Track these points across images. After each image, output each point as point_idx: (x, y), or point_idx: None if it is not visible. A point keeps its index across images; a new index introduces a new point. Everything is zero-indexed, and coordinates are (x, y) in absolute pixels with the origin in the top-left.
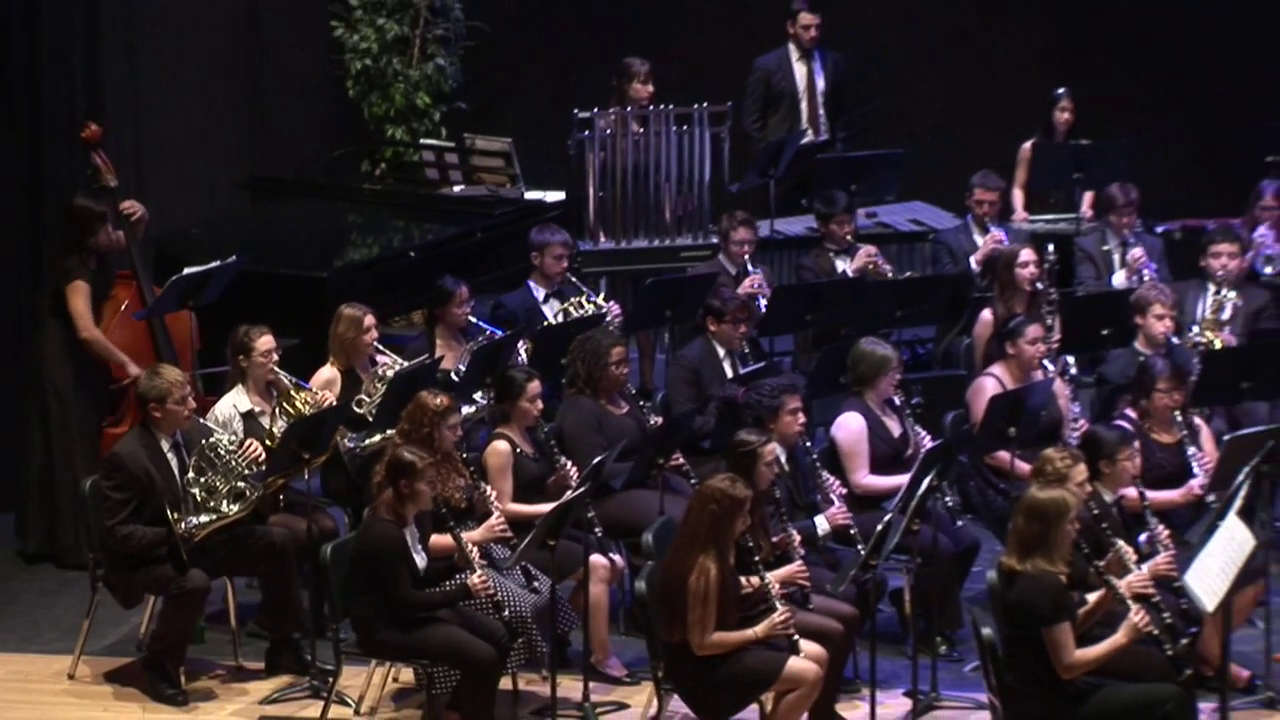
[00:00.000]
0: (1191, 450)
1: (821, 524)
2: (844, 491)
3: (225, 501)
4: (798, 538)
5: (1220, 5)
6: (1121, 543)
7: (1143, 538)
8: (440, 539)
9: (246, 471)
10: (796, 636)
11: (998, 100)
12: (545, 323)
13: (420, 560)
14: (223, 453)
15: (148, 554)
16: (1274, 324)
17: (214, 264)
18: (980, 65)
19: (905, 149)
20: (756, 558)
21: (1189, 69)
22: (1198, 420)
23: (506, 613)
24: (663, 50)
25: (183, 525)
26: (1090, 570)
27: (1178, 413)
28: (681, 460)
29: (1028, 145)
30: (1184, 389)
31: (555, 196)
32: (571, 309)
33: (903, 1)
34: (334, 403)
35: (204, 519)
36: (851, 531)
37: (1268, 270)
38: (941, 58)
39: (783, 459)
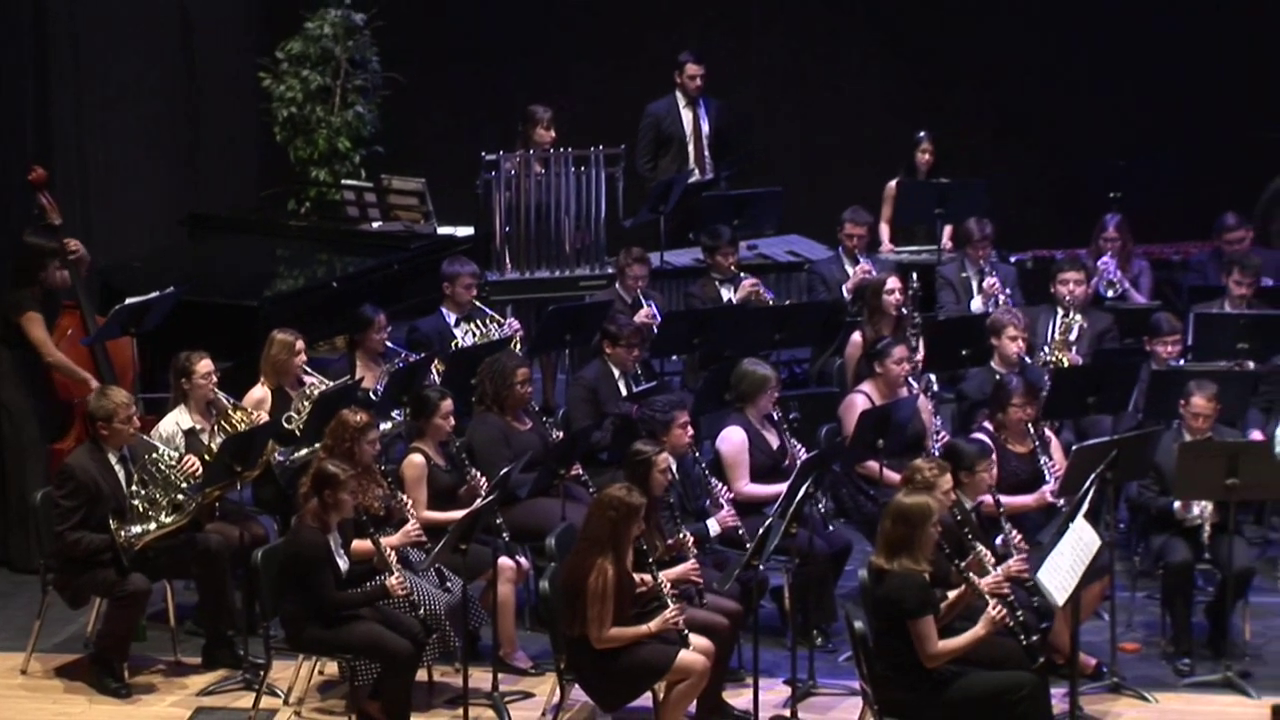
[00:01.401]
0: (1043, 459)
1: (713, 526)
2: (732, 497)
3: (165, 512)
4: (690, 540)
5: (1065, 51)
6: (981, 545)
7: (998, 540)
8: (361, 544)
9: (184, 484)
10: (686, 631)
11: (866, 143)
12: (456, 346)
13: (343, 563)
14: (163, 467)
15: (93, 559)
16: (1116, 345)
17: (154, 294)
18: (851, 112)
19: (783, 187)
20: (651, 559)
21: (1038, 112)
22: (1048, 432)
23: (422, 610)
24: (562, 98)
25: (123, 534)
26: (952, 569)
27: (1030, 425)
28: (580, 471)
29: (893, 183)
30: (1036, 403)
31: (465, 231)
32: (476, 331)
33: (781, 56)
34: (265, 420)
35: (143, 529)
36: (740, 533)
37: (1110, 295)
38: (816, 105)
39: (674, 468)
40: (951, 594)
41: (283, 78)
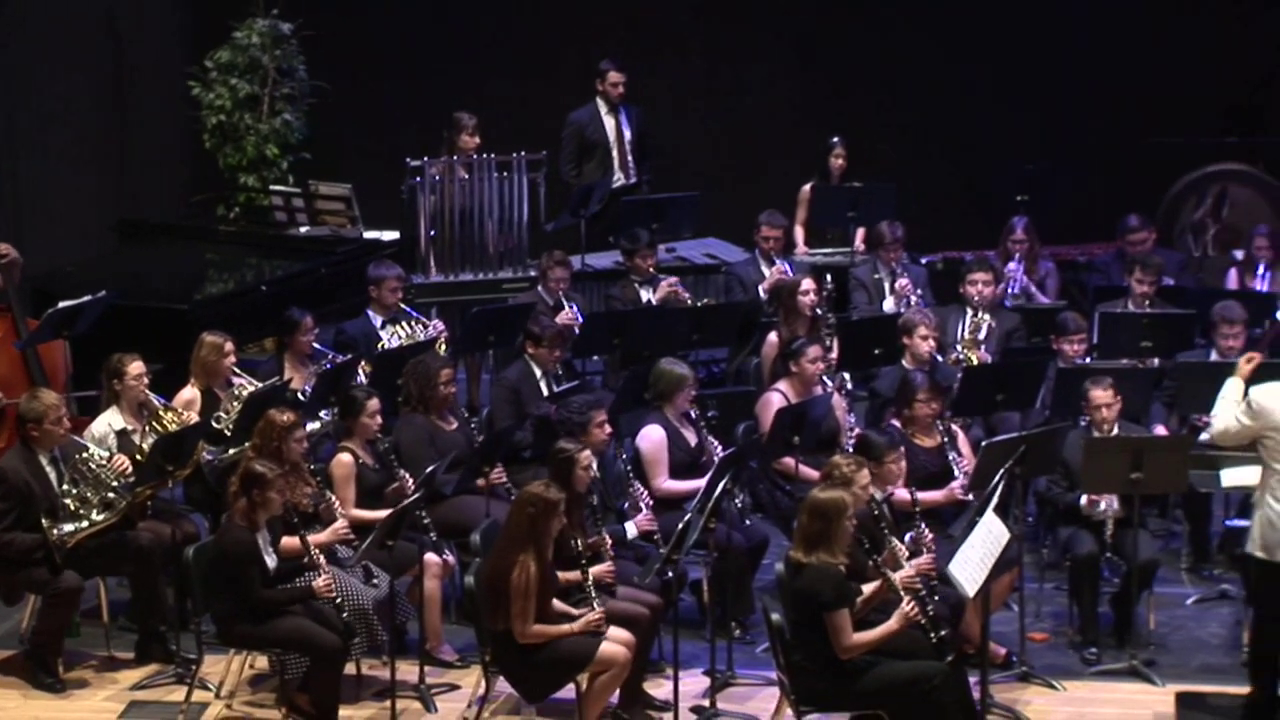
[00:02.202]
0: (952, 454)
1: (630, 529)
2: (651, 502)
3: (96, 510)
4: (609, 541)
5: (973, 58)
6: (897, 540)
7: (909, 536)
8: (290, 541)
9: (115, 483)
10: (605, 632)
11: (781, 148)
12: (382, 347)
13: (271, 561)
14: (94, 467)
15: (26, 558)
16: (1024, 344)
17: (86, 298)
18: (766, 118)
19: (700, 192)
20: (584, 559)
21: (947, 117)
22: (955, 427)
23: (348, 614)
24: (486, 105)
25: (55, 532)
26: (868, 563)
27: (938, 420)
28: (503, 477)
29: (807, 187)
30: (941, 399)
31: (391, 235)
32: (402, 333)
33: (697, 63)
34: (196, 421)
35: (75, 527)
36: (655, 537)
37: (1017, 296)
38: (732, 112)
39: (593, 467)
40: (867, 588)
41: (211, 86)
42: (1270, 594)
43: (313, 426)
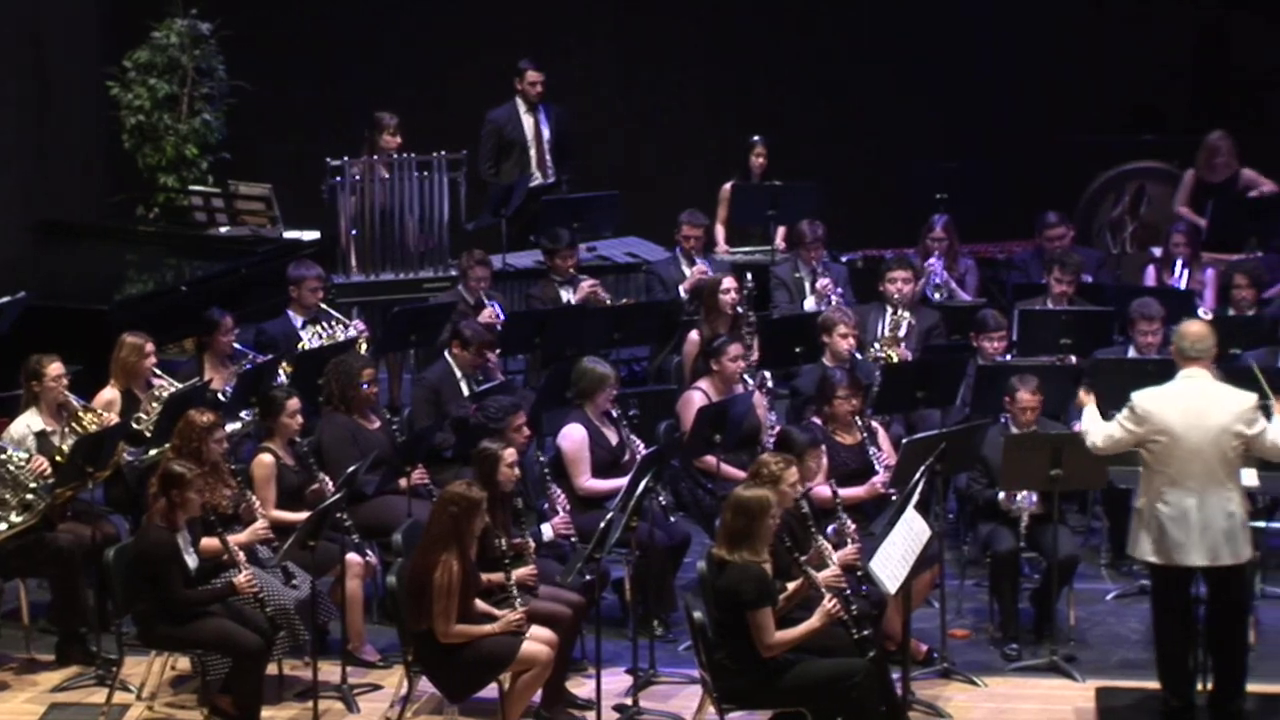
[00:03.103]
0: (872, 450)
1: (546, 532)
2: (569, 506)
3: (15, 512)
4: (531, 544)
5: (893, 56)
6: (822, 539)
7: (831, 529)
8: (210, 542)
9: (34, 485)
10: (526, 633)
11: (702, 147)
12: (303, 348)
13: (192, 561)
14: (13, 468)
15: None
16: (944, 341)
17: (4, 299)
18: (686, 116)
19: (620, 191)
20: (507, 559)
21: (867, 115)
22: (875, 424)
23: (270, 607)
24: (407, 104)
25: None
26: (791, 561)
27: (857, 417)
28: (426, 479)
29: (728, 186)
30: (860, 396)
31: (311, 235)
32: (322, 333)
33: (617, 61)
34: (115, 422)
35: None
36: (571, 540)
37: (937, 294)
38: (652, 110)
39: (517, 466)
40: (790, 585)
41: (130, 86)
42: (1167, 597)
43: (233, 427)
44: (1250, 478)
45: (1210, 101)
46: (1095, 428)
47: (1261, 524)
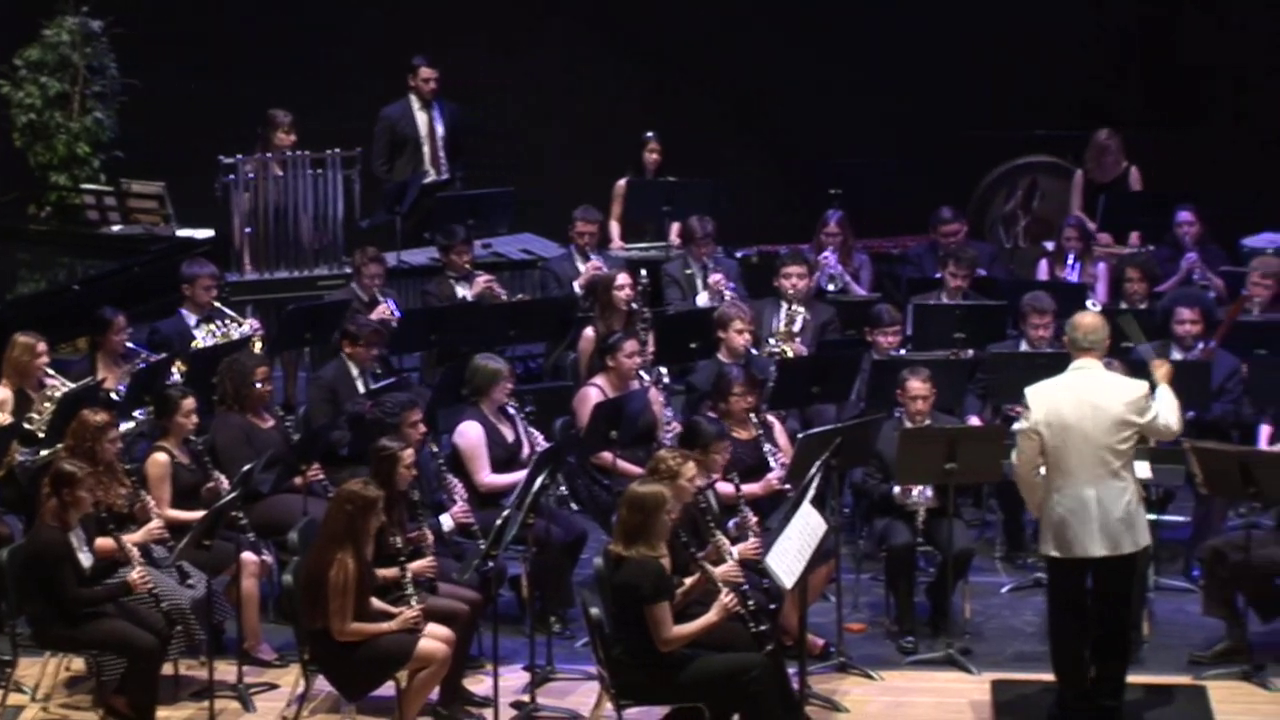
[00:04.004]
0: (768, 446)
1: (446, 521)
2: (467, 495)
3: None
4: (429, 535)
5: (787, 51)
6: (721, 534)
7: (732, 523)
8: (105, 542)
9: None
10: (423, 628)
11: (595, 142)
12: (197, 346)
13: (87, 560)
14: None
15: None
16: (838, 336)
17: None
18: (580, 112)
19: (515, 187)
20: (403, 556)
21: (761, 111)
22: (771, 418)
23: (165, 605)
24: (300, 101)
25: None
26: (688, 557)
27: (753, 413)
28: (321, 475)
29: (622, 182)
30: (756, 392)
31: (205, 233)
32: (216, 331)
33: (509, 57)
34: (8, 422)
35: None
36: (473, 527)
37: (831, 288)
38: (545, 106)
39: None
40: (688, 580)
41: (21, 84)
42: (1063, 590)
43: (127, 426)
44: (1143, 470)
45: (1100, 104)
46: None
47: (1154, 516)
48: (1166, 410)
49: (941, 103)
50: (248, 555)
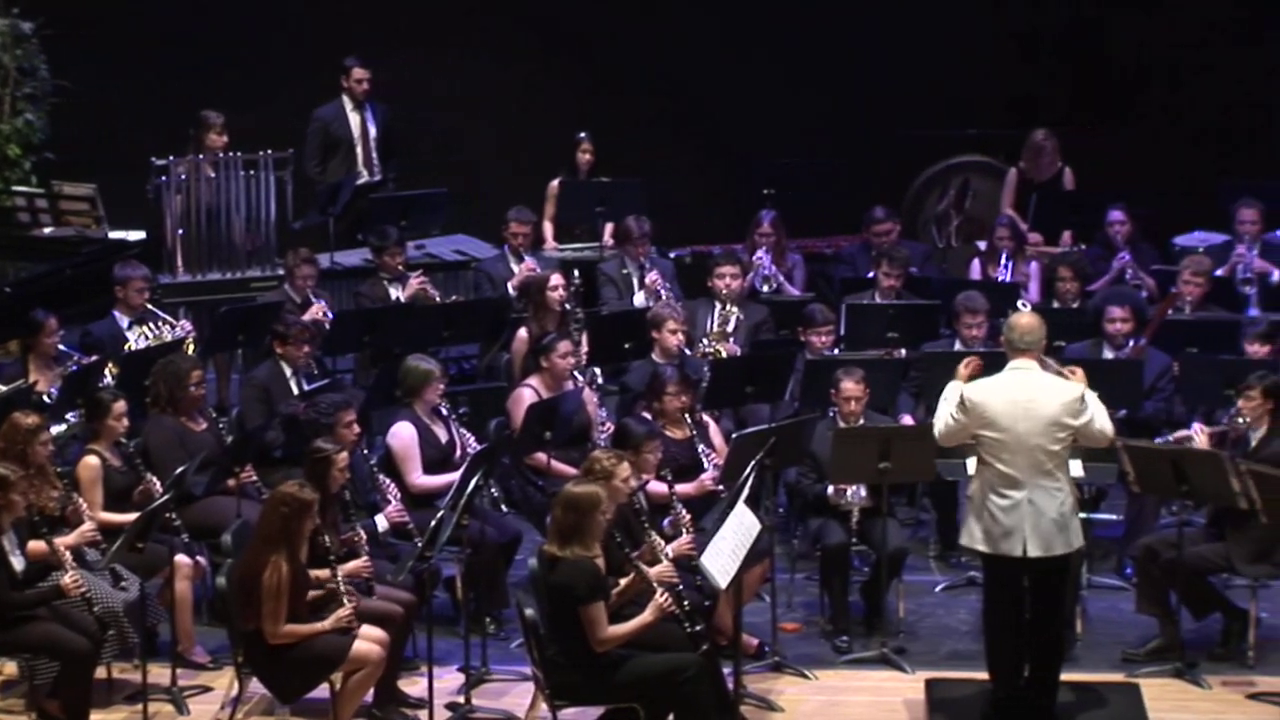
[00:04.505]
0: (702, 447)
1: (381, 522)
2: (400, 494)
3: None
4: (363, 536)
5: (720, 52)
6: (655, 535)
7: (666, 521)
8: (37, 545)
9: None
10: (356, 628)
11: (529, 143)
12: (129, 349)
13: (19, 564)
14: None
15: None
16: (772, 336)
17: None
18: (513, 113)
19: (448, 188)
20: (332, 556)
21: (694, 111)
22: (706, 418)
23: (98, 608)
24: (232, 103)
25: None
26: (623, 557)
27: (687, 413)
28: (253, 476)
29: (555, 183)
30: (691, 392)
31: (137, 235)
32: (149, 333)
33: (442, 59)
34: None
35: None
36: (409, 527)
37: (765, 288)
38: (479, 107)
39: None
40: (623, 581)
41: None
42: (998, 588)
43: (59, 429)
44: (1076, 469)
45: (1029, 100)
46: (939, 417)
47: (1086, 515)
48: (1102, 415)
49: (874, 102)
50: (181, 558)
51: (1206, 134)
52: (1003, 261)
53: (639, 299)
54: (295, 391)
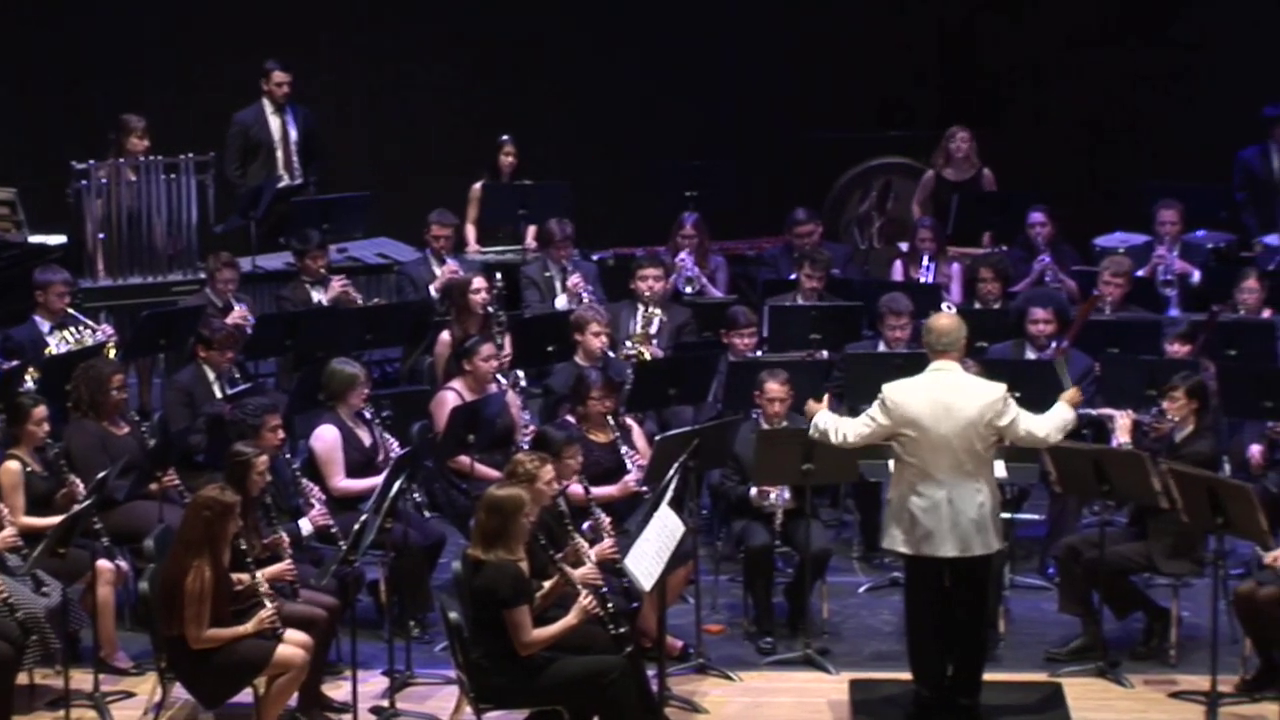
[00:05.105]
0: (625, 449)
1: (305, 525)
2: (324, 497)
3: None
4: (286, 539)
5: (641, 53)
6: (579, 537)
7: (587, 525)
8: None
9: None
10: (280, 630)
11: (451, 146)
12: (50, 353)
13: None
14: None
15: None
16: (695, 338)
17: None
18: (435, 115)
19: (370, 191)
20: (250, 558)
21: (617, 113)
22: (630, 421)
23: (20, 614)
24: (153, 107)
25: None
26: (547, 560)
27: (611, 416)
28: (176, 480)
29: (477, 186)
30: (614, 395)
31: (58, 239)
32: (70, 338)
33: (365, 61)
34: None
35: None
36: (332, 530)
37: (688, 290)
38: (400, 109)
39: (268, 472)
40: (547, 584)
41: None
42: (919, 588)
43: None
44: (999, 469)
45: (956, 99)
46: (843, 425)
47: (1009, 515)
48: (1043, 422)
49: (796, 104)
50: (103, 563)
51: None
52: (925, 263)
53: (561, 302)
54: (219, 395)
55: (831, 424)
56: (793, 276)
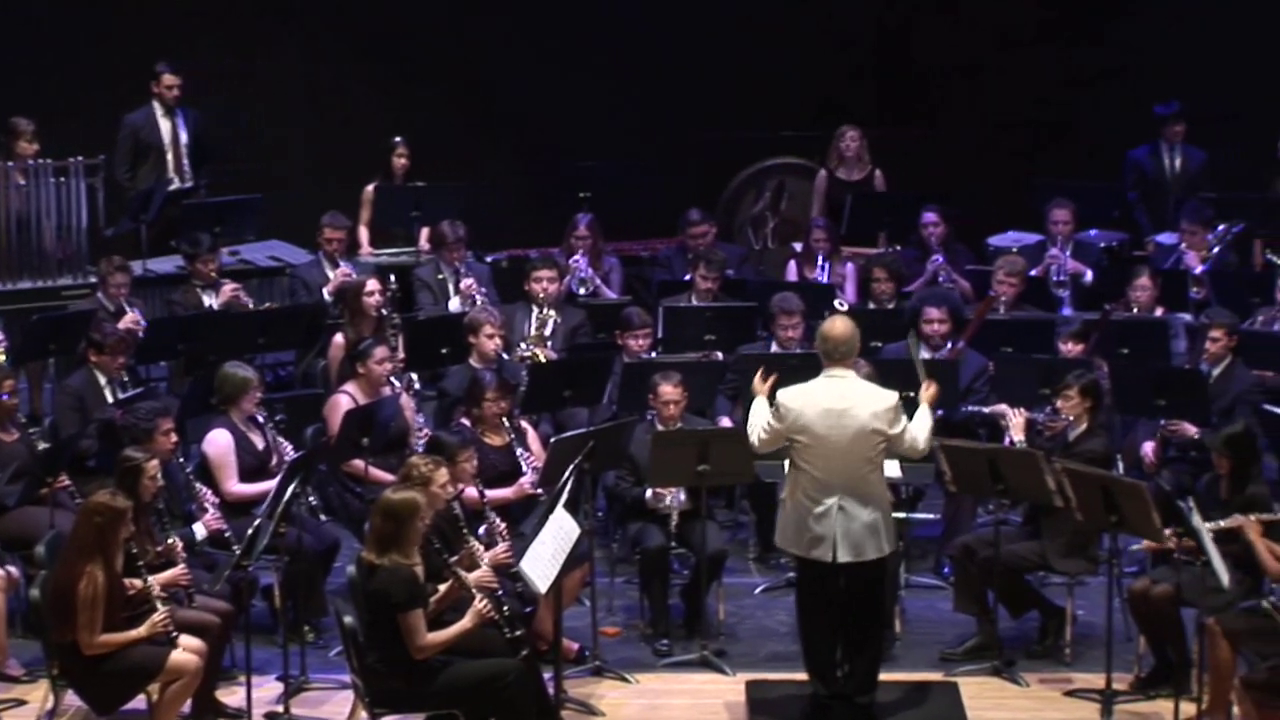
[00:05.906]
0: (520, 451)
1: (199, 530)
2: (217, 501)
3: None
4: (180, 544)
5: (536, 54)
6: (474, 540)
7: (482, 530)
8: None
9: None
10: (175, 634)
11: (344, 148)
12: None
13: None
14: None
15: None
16: (590, 339)
17: None
18: (328, 117)
19: (263, 194)
20: (141, 563)
21: (510, 114)
22: (524, 424)
23: None
24: (43, 110)
25: None
26: (442, 563)
27: (505, 419)
28: (68, 482)
29: (370, 188)
30: (510, 397)
31: None
32: None
33: (256, 62)
34: None
35: None
36: (226, 535)
37: (582, 292)
38: (293, 111)
39: (160, 476)
40: (441, 587)
41: None
42: (812, 589)
43: None
44: (893, 469)
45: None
46: (754, 424)
47: (904, 515)
48: (918, 428)
49: (688, 104)
50: None
51: (1012, 134)
52: (819, 263)
53: (455, 304)
54: (110, 400)
55: (752, 419)
56: (687, 277)
